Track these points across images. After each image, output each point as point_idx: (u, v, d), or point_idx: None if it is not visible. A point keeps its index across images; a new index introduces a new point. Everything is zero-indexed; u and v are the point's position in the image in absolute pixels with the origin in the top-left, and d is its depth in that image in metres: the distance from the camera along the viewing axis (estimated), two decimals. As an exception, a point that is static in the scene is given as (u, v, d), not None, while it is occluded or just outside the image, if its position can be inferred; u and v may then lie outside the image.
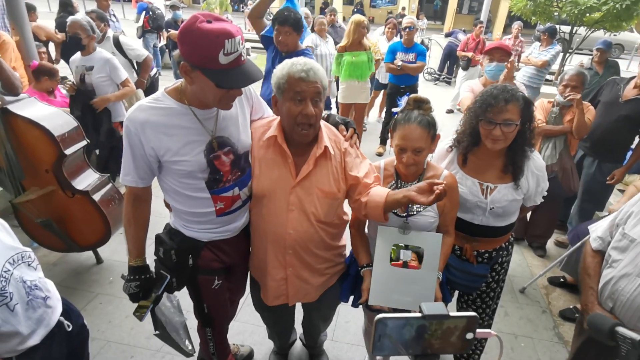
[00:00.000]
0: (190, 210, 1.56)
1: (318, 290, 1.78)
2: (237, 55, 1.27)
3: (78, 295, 2.72)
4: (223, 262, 1.70)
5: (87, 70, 3.47)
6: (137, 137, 1.40)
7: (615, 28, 7.77)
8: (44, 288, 1.40)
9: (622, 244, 1.50)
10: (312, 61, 1.48)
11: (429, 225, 1.64)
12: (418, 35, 7.36)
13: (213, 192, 1.53)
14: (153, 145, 1.41)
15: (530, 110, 1.66)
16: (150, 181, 1.53)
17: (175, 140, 1.42)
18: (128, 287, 1.57)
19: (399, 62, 4.72)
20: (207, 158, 1.47)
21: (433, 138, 1.60)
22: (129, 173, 1.47)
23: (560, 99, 3.03)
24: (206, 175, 1.50)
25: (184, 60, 1.30)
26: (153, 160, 1.46)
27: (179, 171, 1.47)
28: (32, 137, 2.43)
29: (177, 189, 1.52)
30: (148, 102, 1.43)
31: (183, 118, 1.43)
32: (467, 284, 1.86)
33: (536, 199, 1.83)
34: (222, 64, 1.25)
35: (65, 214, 2.65)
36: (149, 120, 1.39)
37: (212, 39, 1.22)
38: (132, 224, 1.57)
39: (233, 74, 1.29)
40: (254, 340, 2.47)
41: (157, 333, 1.70)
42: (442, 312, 0.88)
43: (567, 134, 3.05)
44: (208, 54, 1.24)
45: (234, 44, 1.25)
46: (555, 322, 2.81)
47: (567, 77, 3.00)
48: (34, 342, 1.32)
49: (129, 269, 1.60)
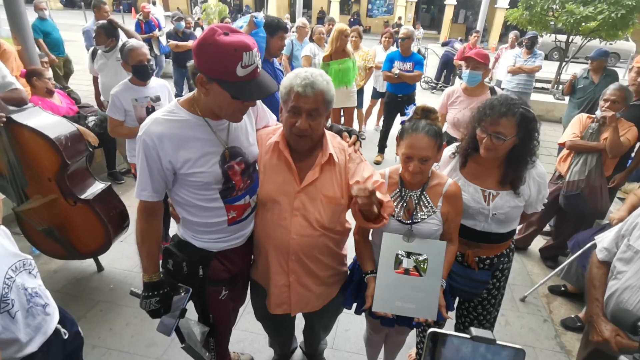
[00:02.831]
0: (203, 221, 1.56)
1: (320, 299, 1.78)
2: (253, 68, 1.29)
3: (79, 302, 2.71)
4: (230, 272, 1.69)
5: (154, 102, 2.95)
6: (155, 150, 1.39)
7: (611, 37, 7.88)
8: (43, 295, 1.41)
9: (626, 255, 1.50)
10: (317, 74, 1.48)
11: (433, 233, 1.65)
12: (414, 45, 7.43)
13: (227, 202, 1.54)
14: (171, 158, 1.41)
15: (530, 126, 1.65)
16: (163, 195, 1.52)
17: (192, 152, 1.42)
18: (147, 303, 1.53)
19: (397, 71, 4.77)
20: (222, 169, 1.47)
21: (439, 147, 1.61)
22: (145, 188, 1.45)
23: (599, 114, 2.92)
24: (221, 186, 1.50)
25: (201, 72, 1.31)
26: (169, 173, 1.45)
27: (195, 183, 1.47)
28: (35, 146, 2.44)
29: (192, 200, 1.52)
30: (163, 114, 1.42)
31: (198, 129, 1.44)
32: (468, 290, 1.87)
33: (537, 206, 1.84)
34: (240, 77, 1.26)
35: (67, 222, 2.65)
36: (166, 133, 1.39)
37: (231, 52, 1.23)
38: (147, 240, 1.53)
39: (249, 86, 1.30)
40: (254, 349, 2.46)
41: (183, 346, 1.66)
42: (489, 337, 0.89)
43: (602, 152, 2.95)
44: (226, 67, 1.25)
45: (251, 56, 1.26)
46: (557, 331, 2.80)
47: (608, 91, 2.92)
48: (32, 350, 1.32)
49: (145, 285, 1.55)
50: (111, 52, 4.09)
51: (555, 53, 14.16)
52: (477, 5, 18.17)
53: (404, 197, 1.68)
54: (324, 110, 1.50)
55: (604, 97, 2.94)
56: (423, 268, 1.60)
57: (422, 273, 1.59)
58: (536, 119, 1.68)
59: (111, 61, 4.11)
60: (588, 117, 3.13)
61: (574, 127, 3.13)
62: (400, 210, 1.66)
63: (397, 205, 1.67)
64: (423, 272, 1.59)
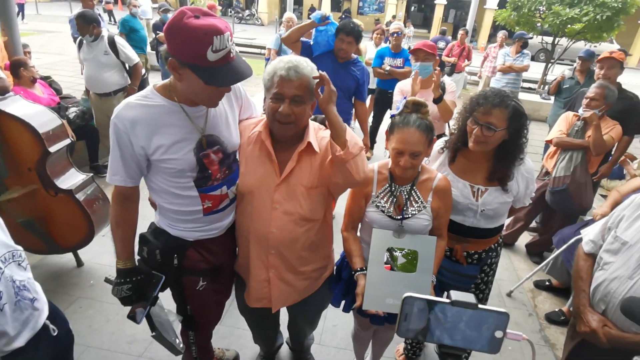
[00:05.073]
0: (177, 209, 1.53)
1: (302, 294, 1.75)
2: (225, 52, 1.25)
3: (58, 298, 2.63)
4: (209, 263, 1.66)
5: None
6: (127, 135, 1.36)
7: (596, 39, 8.02)
8: (32, 289, 1.36)
9: (613, 247, 1.52)
10: (302, 60, 1.45)
11: (423, 229, 1.63)
12: (405, 42, 7.45)
13: (201, 191, 1.50)
14: (143, 144, 1.38)
15: (521, 122, 1.65)
16: (139, 180, 1.49)
17: (166, 139, 1.39)
18: (119, 290, 1.51)
19: (387, 67, 4.76)
20: (197, 156, 1.44)
21: (430, 142, 1.59)
22: (117, 172, 1.43)
23: (582, 113, 2.99)
24: (195, 174, 1.47)
25: (172, 57, 1.27)
26: (142, 159, 1.42)
27: (168, 169, 1.44)
28: (16, 134, 2.39)
29: (166, 187, 1.49)
30: (137, 99, 1.39)
31: (173, 116, 1.40)
32: (456, 284, 1.86)
33: (525, 200, 1.85)
34: (211, 61, 1.23)
35: (47, 213, 2.59)
36: (139, 118, 1.36)
37: (200, 35, 1.19)
38: (121, 225, 1.51)
39: (222, 71, 1.26)
40: (240, 344, 2.42)
41: (153, 335, 1.64)
42: (470, 301, 0.86)
43: (587, 150, 3.00)
44: (196, 51, 1.21)
45: (223, 40, 1.22)
46: (541, 325, 2.84)
47: (590, 90, 2.96)
48: (20, 344, 1.28)
49: (118, 272, 1.53)
50: (96, 42, 3.99)
51: (542, 54, 14.37)
52: (466, 6, 18.35)
53: (394, 192, 1.65)
54: (308, 97, 1.46)
55: (586, 96, 3.00)
56: (414, 264, 1.58)
57: (413, 269, 1.57)
58: (526, 115, 1.68)
59: (96, 52, 4.01)
60: (574, 115, 3.18)
61: (560, 124, 3.19)
62: (390, 206, 1.64)
63: (387, 201, 1.65)
64: (414, 269, 1.57)
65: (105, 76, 4.08)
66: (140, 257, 1.61)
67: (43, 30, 14.36)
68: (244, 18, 23.05)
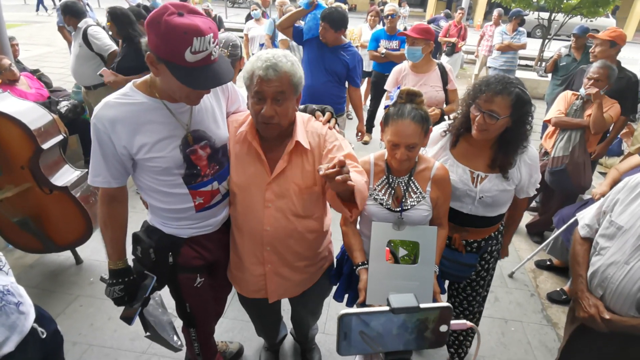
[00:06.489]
0: (168, 207, 1.50)
1: (300, 286, 1.74)
2: (205, 55, 1.20)
3: (57, 298, 2.62)
4: (205, 259, 1.64)
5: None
6: (107, 135, 1.33)
7: (592, 14, 7.90)
8: (16, 293, 1.34)
9: (609, 232, 1.50)
10: (281, 55, 1.37)
11: (423, 219, 1.61)
12: (401, 23, 7.28)
13: (191, 188, 1.48)
14: (125, 143, 1.34)
15: (525, 109, 1.59)
16: (125, 180, 1.46)
17: (149, 137, 1.35)
18: (111, 291, 1.51)
19: (383, 50, 4.66)
20: (183, 153, 1.41)
21: (426, 132, 1.54)
22: (99, 174, 1.40)
23: (584, 92, 2.95)
24: (183, 171, 1.44)
25: (150, 51, 1.23)
26: (126, 158, 1.39)
27: (154, 168, 1.40)
28: (6, 132, 2.35)
29: (154, 186, 1.46)
30: (115, 98, 1.35)
31: (155, 113, 1.36)
32: (456, 273, 1.85)
33: (529, 190, 1.80)
34: (189, 62, 1.18)
35: (43, 212, 2.56)
36: (119, 117, 1.32)
37: (180, 34, 1.15)
38: (109, 226, 1.49)
39: (199, 73, 1.22)
40: (243, 337, 2.42)
41: (147, 335, 1.65)
42: (411, 305, 0.80)
43: (586, 129, 2.98)
44: (173, 50, 1.17)
45: (204, 42, 1.17)
46: (543, 304, 2.86)
47: (591, 69, 2.92)
48: (9, 350, 1.27)
49: (110, 272, 1.53)
50: (76, 33, 3.86)
51: (538, 30, 14.16)
52: (461, -17, 17.97)
53: (391, 184, 1.62)
54: (291, 93, 1.40)
55: (588, 75, 2.94)
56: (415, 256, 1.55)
57: (415, 261, 1.55)
58: (531, 103, 1.62)
59: (75, 44, 3.89)
60: (573, 94, 3.15)
61: (559, 104, 3.15)
62: (388, 198, 1.61)
63: (385, 193, 1.62)
64: (416, 260, 1.55)
65: (82, 69, 3.93)
66: (134, 257, 1.59)
67: (31, 20, 14.05)
68: (237, 2, 22.60)
